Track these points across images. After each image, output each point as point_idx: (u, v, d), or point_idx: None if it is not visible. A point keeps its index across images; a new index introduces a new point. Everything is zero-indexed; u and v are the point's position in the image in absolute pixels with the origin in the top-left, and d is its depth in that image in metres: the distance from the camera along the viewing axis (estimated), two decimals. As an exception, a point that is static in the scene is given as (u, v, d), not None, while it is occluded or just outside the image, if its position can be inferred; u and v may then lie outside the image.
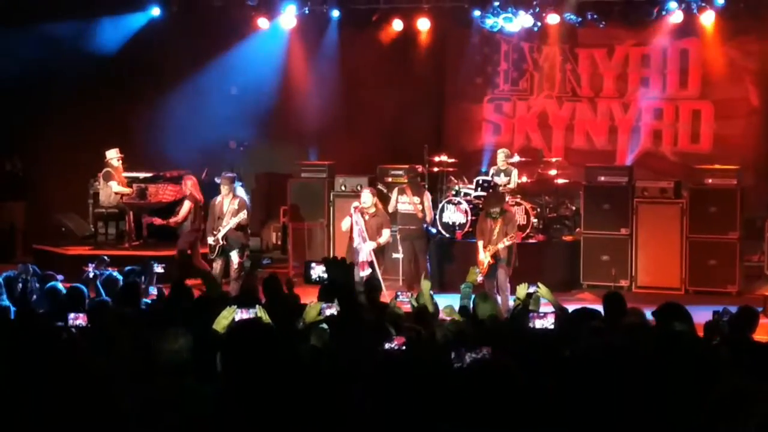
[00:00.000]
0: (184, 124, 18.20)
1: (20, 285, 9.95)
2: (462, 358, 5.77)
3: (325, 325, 7.27)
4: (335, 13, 18.71)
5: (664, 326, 6.83)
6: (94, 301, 9.07)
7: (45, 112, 17.79)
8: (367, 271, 13.88)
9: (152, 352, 5.54)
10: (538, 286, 9.02)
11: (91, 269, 10.20)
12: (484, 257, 13.51)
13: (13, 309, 8.55)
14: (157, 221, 16.42)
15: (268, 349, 4.84)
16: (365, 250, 14.07)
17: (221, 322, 6.81)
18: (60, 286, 9.67)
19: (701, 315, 8.07)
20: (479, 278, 10.56)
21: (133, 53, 18.65)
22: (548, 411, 4.62)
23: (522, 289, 9.19)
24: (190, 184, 15.68)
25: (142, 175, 17.50)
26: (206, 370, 5.34)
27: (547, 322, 7.47)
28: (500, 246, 13.40)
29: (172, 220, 15.55)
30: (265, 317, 6.92)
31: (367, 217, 14.21)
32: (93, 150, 17.29)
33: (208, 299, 8.41)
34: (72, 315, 7.67)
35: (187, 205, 15.47)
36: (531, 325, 7.46)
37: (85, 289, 9.44)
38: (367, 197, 14.30)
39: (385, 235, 14.28)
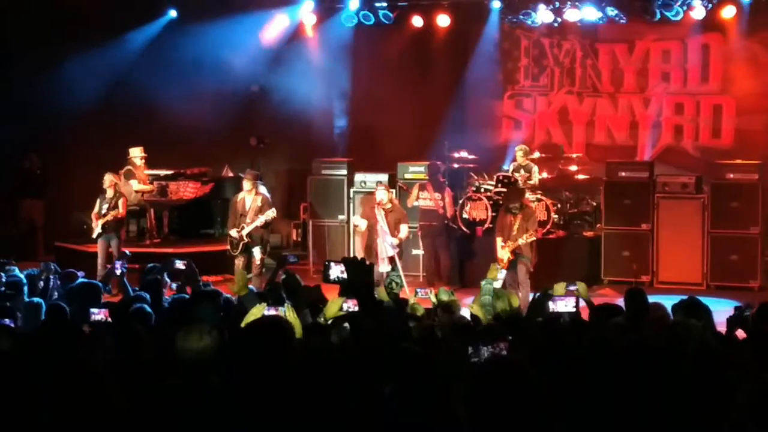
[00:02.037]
0: (204, 121, 18.23)
1: (42, 283, 9.98)
2: (479, 352, 5.74)
3: (346, 323, 7.27)
4: (353, 6, 18.67)
5: (681, 322, 6.81)
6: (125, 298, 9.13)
7: (63, 110, 17.84)
8: (388, 267, 13.89)
9: (175, 350, 5.51)
10: (576, 285, 8.85)
11: (118, 266, 10.22)
12: (503, 253, 13.44)
13: (44, 306, 8.59)
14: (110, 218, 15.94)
15: (278, 348, 4.79)
16: (386, 246, 14.07)
17: (250, 320, 6.72)
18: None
19: (722, 310, 8.03)
20: (499, 275, 10.47)
21: (152, 53, 18.72)
22: (563, 407, 4.60)
23: (560, 288, 9.00)
24: (113, 179, 15.66)
25: (162, 172, 17.59)
26: (231, 369, 5.29)
27: (569, 305, 7.46)
28: (521, 242, 13.34)
29: (119, 214, 15.44)
30: (292, 315, 6.90)
31: (383, 213, 14.23)
32: (112, 147, 17.35)
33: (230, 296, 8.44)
34: (94, 310, 7.66)
35: (123, 200, 15.54)
36: (553, 308, 7.44)
37: (102, 286, 9.48)
38: (383, 194, 14.32)
39: (404, 230, 14.29)
